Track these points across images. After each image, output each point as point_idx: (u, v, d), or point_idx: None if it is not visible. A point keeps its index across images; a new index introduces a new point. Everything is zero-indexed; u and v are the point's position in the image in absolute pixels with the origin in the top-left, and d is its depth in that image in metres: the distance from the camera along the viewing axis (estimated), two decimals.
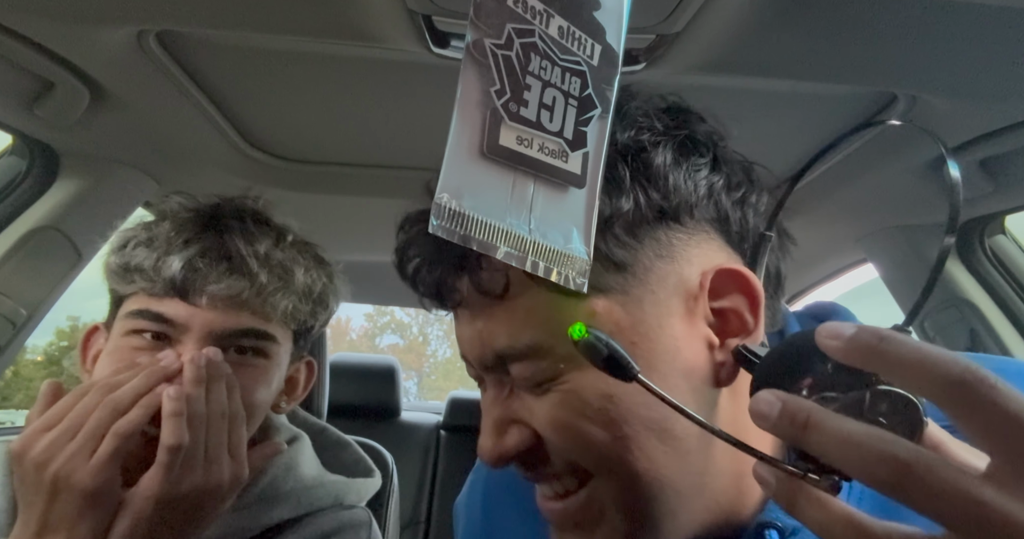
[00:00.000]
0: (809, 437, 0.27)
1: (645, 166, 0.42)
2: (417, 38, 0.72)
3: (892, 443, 0.26)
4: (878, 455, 0.25)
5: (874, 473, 0.25)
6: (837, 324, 0.29)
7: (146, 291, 0.65)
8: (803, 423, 0.28)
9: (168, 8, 0.70)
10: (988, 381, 0.25)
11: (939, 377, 0.26)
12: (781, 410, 0.28)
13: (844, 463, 0.26)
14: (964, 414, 0.26)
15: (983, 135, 0.88)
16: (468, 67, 0.29)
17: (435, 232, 0.28)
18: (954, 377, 0.25)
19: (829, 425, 0.27)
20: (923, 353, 0.26)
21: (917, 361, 0.26)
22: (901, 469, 0.25)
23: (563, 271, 0.33)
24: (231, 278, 0.64)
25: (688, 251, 0.43)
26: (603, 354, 0.34)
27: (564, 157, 0.33)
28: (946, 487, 0.24)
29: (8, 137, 1.01)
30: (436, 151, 0.28)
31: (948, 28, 0.67)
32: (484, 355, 0.44)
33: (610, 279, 0.41)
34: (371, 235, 1.57)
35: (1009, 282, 1.17)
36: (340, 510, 0.75)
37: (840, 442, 0.26)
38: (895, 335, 0.28)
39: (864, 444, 0.26)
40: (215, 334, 0.64)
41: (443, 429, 2.12)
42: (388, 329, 20.24)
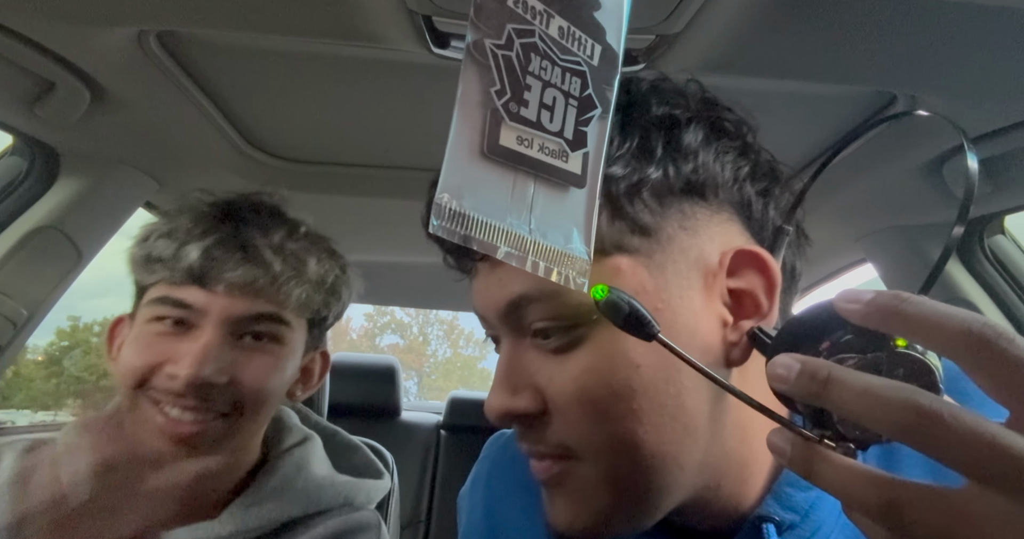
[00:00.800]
0: (830, 393, 0.27)
1: (676, 140, 0.43)
2: (417, 38, 0.72)
3: (914, 392, 0.26)
4: (902, 404, 0.25)
5: (899, 421, 0.25)
6: (855, 289, 0.29)
7: (166, 280, 0.68)
8: (824, 379, 0.28)
9: (168, 8, 0.70)
10: (1007, 335, 0.25)
11: (958, 332, 0.26)
12: (800, 370, 0.29)
13: (867, 414, 0.26)
14: (984, 367, 0.26)
15: (983, 135, 0.88)
16: (468, 67, 0.29)
17: (435, 232, 0.28)
18: (974, 332, 0.26)
19: (850, 378, 0.27)
20: (942, 310, 0.27)
21: (936, 318, 0.27)
22: (927, 416, 0.25)
23: (563, 271, 0.33)
24: (246, 266, 0.67)
25: (710, 228, 0.44)
26: (624, 311, 0.34)
27: (564, 157, 0.33)
28: (972, 434, 0.24)
29: (8, 137, 1.01)
30: (436, 151, 0.28)
31: (948, 28, 0.67)
32: (502, 302, 0.43)
33: (635, 241, 0.42)
34: (371, 235, 1.57)
35: (1008, 282, 1.17)
36: (350, 511, 0.76)
37: (861, 393, 0.26)
38: (914, 296, 0.28)
39: (886, 394, 0.26)
40: (232, 319, 0.67)
41: (443, 429, 2.12)
42: (388, 329, 20.24)
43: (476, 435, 2.01)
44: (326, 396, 1.18)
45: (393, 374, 2.11)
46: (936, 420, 0.25)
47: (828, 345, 0.31)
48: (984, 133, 0.88)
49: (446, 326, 20.29)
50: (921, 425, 0.25)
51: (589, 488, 0.42)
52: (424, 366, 20.20)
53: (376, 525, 0.77)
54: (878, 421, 0.26)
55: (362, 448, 0.90)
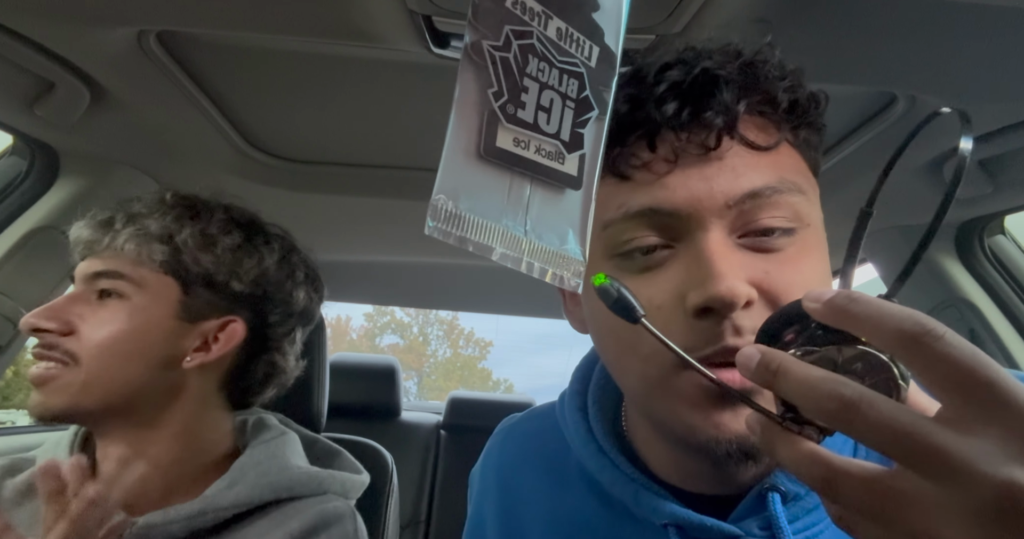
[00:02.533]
0: (778, 382, 0.30)
1: (816, 111, 0.48)
2: (417, 38, 0.72)
3: (841, 384, 0.28)
4: (828, 393, 0.28)
5: (824, 409, 0.28)
6: (820, 290, 0.32)
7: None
8: (775, 370, 0.31)
9: (168, 8, 0.70)
10: (935, 333, 0.27)
11: (894, 330, 0.28)
12: (759, 360, 0.31)
13: (802, 402, 0.30)
14: (914, 362, 0.28)
15: (983, 135, 0.88)
16: (466, 68, 0.29)
17: (431, 233, 0.28)
18: (906, 330, 0.28)
19: (794, 370, 0.30)
20: (883, 310, 0.29)
21: (877, 317, 0.29)
22: (848, 405, 0.27)
23: (558, 272, 0.33)
24: (93, 230, 0.75)
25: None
26: (613, 297, 0.36)
27: (561, 159, 0.33)
28: (888, 422, 0.27)
29: (8, 137, 1.01)
30: (435, 151, 0.28)
31: (948, 28, 0.67)
32: (736, 192, 0.43)
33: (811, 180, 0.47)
34: (371, 235, 1.57)
35: (1008, 282, 1.17)
36: (323, 502, 0.76)
37: (799, 383, 0.29)
38: (864, 296, 0.30)
39: (817, 385, 0.29)
40: (82, 280, 0.75)
41: (443, 429, 2.12)
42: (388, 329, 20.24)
43: (476, 435, 2.00)
44: (325, 396, 1.18)
45: (393, 374, 2.11)
46: (855, 409, 0.27)
47: (791, 338, 0.33)
48: (984, 133, 0.88)
49: (446, 326, 20.32)
50: (843, 413, 0.28)
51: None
52: (424, 366, 20.20)
53: (351, 515, 0.78)
54: (811, 408, 0.29)
55: (343, 453, 0.91)
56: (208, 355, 0.77)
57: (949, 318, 1.21)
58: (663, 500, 0.48)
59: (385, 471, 1.18)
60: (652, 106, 0.43)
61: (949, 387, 0.27)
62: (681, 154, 0.44)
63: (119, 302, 0.74)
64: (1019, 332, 1.15)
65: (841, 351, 0.31)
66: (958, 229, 1.19)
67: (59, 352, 0.71)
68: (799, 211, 0.44)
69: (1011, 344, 1.14)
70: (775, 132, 0.46)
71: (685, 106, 0.43)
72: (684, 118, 0.43)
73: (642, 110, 0.44)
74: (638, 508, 0.49)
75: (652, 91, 0.44)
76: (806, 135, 0.47)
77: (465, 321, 20.85)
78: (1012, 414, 0.26)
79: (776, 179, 0.43)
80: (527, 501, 0.58)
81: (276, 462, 0.77)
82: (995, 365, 0.27)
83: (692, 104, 0.43)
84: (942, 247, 1.20)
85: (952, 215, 1.14)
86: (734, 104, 0.43)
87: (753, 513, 0.46)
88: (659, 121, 0.43)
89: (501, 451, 0.65)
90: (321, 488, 0.79)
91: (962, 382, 0.27)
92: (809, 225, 0.45)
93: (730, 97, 0.43)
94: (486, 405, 2.18)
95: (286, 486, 0.75)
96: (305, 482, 0.77)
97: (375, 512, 1.13)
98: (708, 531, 0.46)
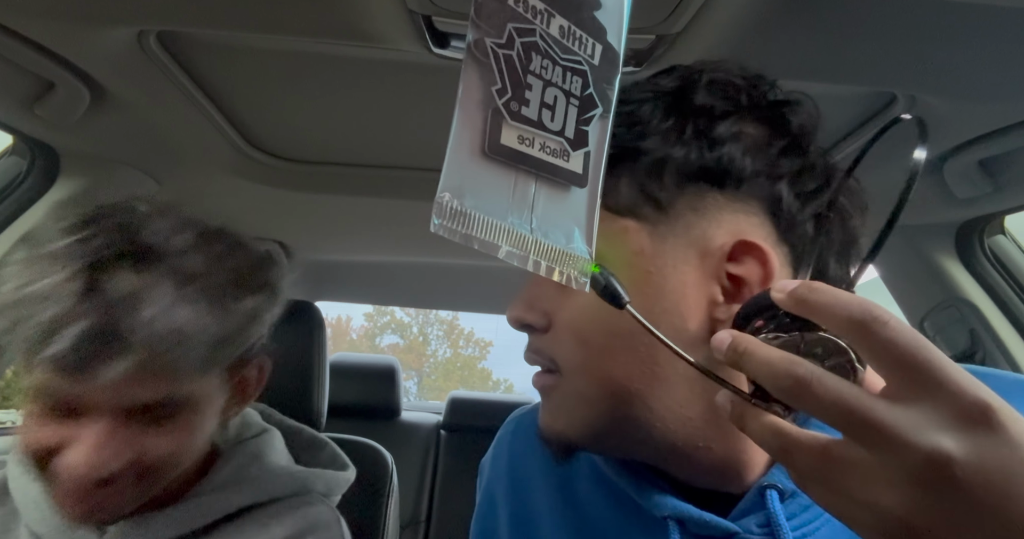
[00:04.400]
0: (744, 362, 0.34)
1: (709, 129, 0.46)
2: (417, 38, 0.72)
3: (795, 363, 0.31)
4: (784, 372, 0.31)
5: (779, 386, 0.32)
6: (787, 281, 0.35)
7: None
8: (741, 352, 0.34)
9: (168, 8, 0.70)
10: (880, 319, 0.30)
11: (845, 318, 0.31)
12: (729, 343, 0.35)
13: (763, 380, 0.33)
14: (863, 346, 0.31)
15: (983, 135, 0.88)
16: (469, 66, 0.29)
17: (436, 231, 0.28)
18: (855, 317, 0.31)
19: (757, 351, 0.33)
20: (836, 298, 0.32)
21: (830, 305, 0.32)
22: (798, 382, 0.31)
23: (565, 270, 0.33)
24: (131, 351, 0.57)
25: (721, 214, 0.46)
26: (602, 284, 0.39)
27: (566, 156, 0.33)
28: (834, 397, 0.30)
29: (8, 137, 1.01)
30: (436, 151, 0.28)
31: (948, 28, 0.67)
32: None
33: (645, 210, 0.46)
34: (371, 235, 1.57)
35: (1008, 282, 1.17)
36: (306, 505, 0.74)
37: (760, 363, 0.33)
38: (822, 286, 0.33)
39: (775, 364, 0.32)
40: (123, 409, 0.60)
41: (443, 429, 2.12)
42: (388, 329, 20.23)
43: (476, 435, 2.00)
44: (325, 396, 1.18)
45: (393, 374, 2.11)
46: (807, 386, 0.31)
47: (760, 324, 0.37)
48: (984, 133, 0.88)
49: (446, 326, 20.31)
50: (796, 389, 0.31)
51: (567, 402, 0.49)
52: (424, 366, 20.20)
53: (335, 521, 0.75)
54: (770, 385, 0.32)
55: (329, 444, 0.88)
56: (247, 400, 0.74)
57: (949, 318, 1.21)
58: (664, 494, 0.49)
59: (385, 471, 1.18)
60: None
61: (891, 367, 0.30)
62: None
63: (177, 421, 0.64)
64: (1019, 332, 1.15)
65: (804, 337, 0.34)
66: (958, 229, 1.19)
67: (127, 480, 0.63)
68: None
69: (1011, 344, 1.14)
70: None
71: None
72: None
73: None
74: (641, 500, 0.50)
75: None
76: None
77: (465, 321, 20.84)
78: (943, 390, 0.29)
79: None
80: (537, 490, 0.59)
81: (257, 464, 0.74)
82: (933, 349, 0.30)
83: None
84: (942, 247, 1.20)
85: (952, 215, 1.14)
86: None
87: (752, 510, 0.47)
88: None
89: (512, 441, 0.65)
90: (304, 488, 0.76)
91: (902, 363, 0.29)
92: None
93: None
94: (486, 405, 2.18)
95: (267, 490, 0.73)
96: (287, 483, 0.74)
97: (375, 512, 1.13)
98: (708, 527, 0.47)
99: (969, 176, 0.97)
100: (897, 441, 0.28)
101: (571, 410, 0.49)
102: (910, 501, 0.28)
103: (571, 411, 0.49)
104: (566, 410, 0.49)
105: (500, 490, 0.63)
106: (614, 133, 0.43)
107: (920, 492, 0.28)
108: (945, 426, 0.28)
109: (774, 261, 0.45)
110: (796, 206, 0.47)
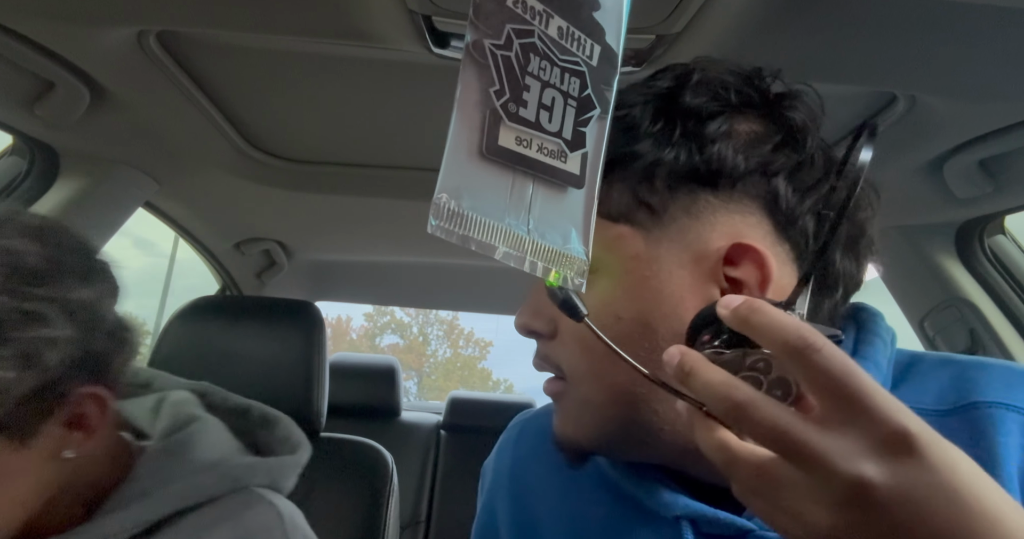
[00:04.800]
0: (689, 381, 0.34)
1: (697, 130, 0.46)
2: (417, 38, 0.72)
3: (734, 388, 0.33)
4: (723, 395, 0.33)
5: (719, 408, 0.33)
6: (732, 296, 0.35)
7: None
8: (688, 370, 0.34)
9: (168, 8, 0.70)
10: (814, 346, 0.31)
11: (781, 342, 0.32)
12: (679, 361, 0.35)
13: (704, 400, 0.34)
14: (799, 372, 0.32)
15: (983, 135, 0.88)
16: (467, 67, 0.29)
17: (434, 232, 0.28)
18: (790, 343, 0.32)
19: (701, 372, 0.34)
20: (775, 321, 0.33)
21: (768, 329, 0.33)
22: (736, 406, 0.32)
23: (562, 271, 0.33)
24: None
25: (715, 217, 0.46)
26: (560, 298, 0.40)
27: (563, 157, 0.33)
28: (768, 422, 0.31)
29: (8, 137, 1.01)
30: (436, 151, 0.28)
31: (948, 28, 0.67)
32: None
33: (640, 215, 0.46)
34: (371, 235, 1.57)
35: (1009, 282, 1.17)
36: (242, 509, 0.65)
37: (703, 385, 0.34)
38: (763, 306, 0.33)
39: (716, 387, 0.33)
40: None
41: (443, 429, 2.12)
42: (388, 329, 20.24)
43: (476, 435, 2.00)
44: (325, 396, 1.18)
45: (393, 374, 2.11)
46: (743, 410, 0.32)
47: (707, 339, 0.37)
48: (984, 133, 0.88)
49: (446, 326, 20.31)
50: (733, 411, 0.32)
51: (575, 407, 0.49)
52: (424, 366, 20.20)
53: (275, 522, 0.66)
54: (711, 407, 0.34)
55: (283, 419, 0.78)
56: (92, 436, 0.61)
57: (949, 318, 1.21)
58: (675, 493, 0.48)
59: (385, 471, 1.18)
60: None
61: (822, 393, 0.31)
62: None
63: None
64: (1019, 332, 1.15)
65: (746, 353, 0.35)
66: (958, 229, 1.19)
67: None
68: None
69: (1011, 344, 1.14)
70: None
71: None
72: None
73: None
74: (650, 501, 0.49)
75: None
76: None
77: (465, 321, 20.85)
78: (868, 417, 0.30)
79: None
80: (540, 495, 0.59)
81: (181, 464, 0.65)
82: (863, 376, 0.31)
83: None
84: (942, 247, 1.20)
85: (952, 215, 1.14)
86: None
87: None
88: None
89: (516, 445, 0.65)
90: (239, 483, 0.67)
91: (832, 389, 0.31)
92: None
93: None
94: (486, 405, 2.18)
95: (194, 492, 0.64)
96: (218, 481, 0.65)
97: (375, 512, 1.13)
98: (721, 524, 0.46)
99: (969, 176, 0.97)
100: (825, 466, 0.30)
101: (580, 416, 0.49)
102: (836, 519, 0.30)
103: (580, 417, 0.49)
104: (575, 416, 0.49)
105: (502, 494, 0.62)
106: (610, 138, 0.43)
107: (845, 513, 0.30)
108: (869, 453, 0.30)
109: (771, 263, 0.44)
110: (795, 201, 0.47)
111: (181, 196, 1.28)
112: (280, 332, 1.15)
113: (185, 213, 1.37)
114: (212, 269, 1.68)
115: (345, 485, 1.14)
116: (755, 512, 0.34)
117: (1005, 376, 0.46)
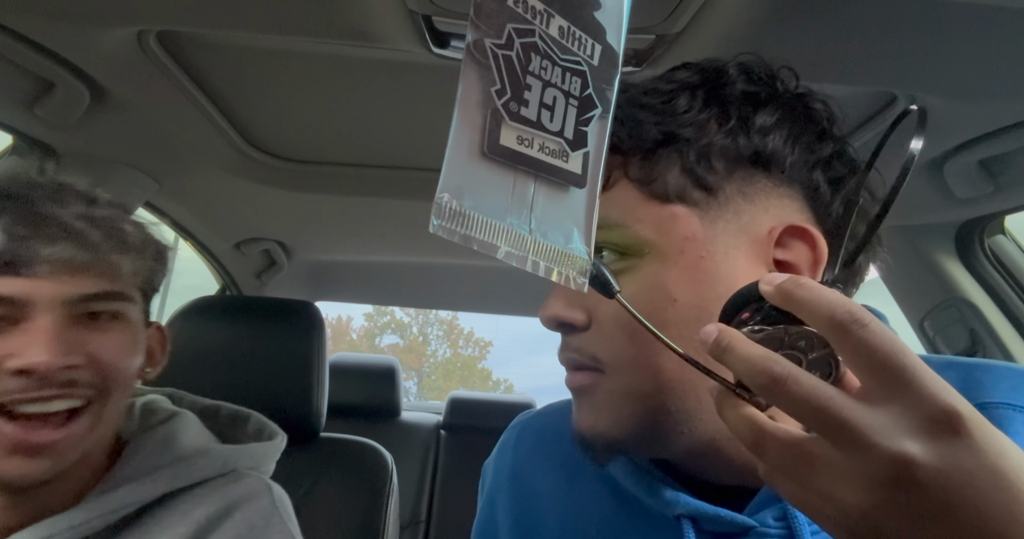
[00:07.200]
0: (726, 356, 0.34)
1: (752, 115, 0.47)
2: (417, 38, 0.72)
3: (773, 361, 0.32)
4: (761, 369, 0.32)
5: (757, 383, 0.32)
6: (775, 274, 0.35)
7: None
8: (724, 346, 0.34)
9: (168, 8, 0.70)
10: (861, 321, 0.30)
11: (827, 318, 0.31)
12: (716, 337, 0.34)
13: (742, 375, 0.33)
14: (841, 346, 0.31)
15: (983, 135, 0.88)
16: (468, 67, 0.29)
17: (435, 232, 0.28)
18: (836, 317, 0.31)
19: (739, 347, 0.33)
20: (820, 296, 0.32)
21: (813, 303, 0.32)
22: (774, 380, 0.31)
23: (564, 270, 0.33)
24: (62, 242, 0.59)
25: (768, 200, 0.47)
26: (592, 273, 0.38)
27: (565, 157, 0.33)
28: (807, 396, 0.30)
29: (8, 137, 1.01)
30: (436, 151, 0.28)
31: (948, 28, 0.67)
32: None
33: (696, 195, 0.46)
34: (371, 235, 1.57)
35: (1009, 282, 1.17)
36: (231, 482, 0.70)
37: (740, 359, 0.33)
38: (808, 282, 0.33)
39: (754, 361, 0.32)
40: (65, 303, 0.60)
41: (443, 429, 2.12)
42: (388, 329, 20.23)
43: (476, 435, 2.00)
44: (325, 396, 1.18)
45: (393, 374, 2.11)
46: (783, 384, 0.31)
47: (746, 316, 0.37)
48: (984, 133, 0.88)
49: (446, 326, 20.31)
50: (772, 386, 0.31)
51: (611, 400, 0.47)
52: (424, 366, 20.20)
53: (265, 489, 0.71)
54: (748, 382, 0.33)
55: (253, 415, 0.83)
56: (155, 365, 0.72)
57: (949, 318, 1.21)
58: (676, 492, 0.48)
59: (385, 471, 1.18)
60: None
61: (867, 369, 0.31)
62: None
63: (121, 324, 0.65)
64: (1019, 332, 1.15)
65: (788, 330, 0.34)
66: (958, 229, 1.19)
67: (85, 389, 0.62)
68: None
69: (1011, 344, 1.14)
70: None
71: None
72: None
73: None
74: (651, 500, 0.49)
75: None
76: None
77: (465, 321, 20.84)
78: (914, 395, 0.29)
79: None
80: (541, 495, 0.58)
81: (169, 450, 0.69)
82: (909, 353, 0.30)
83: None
84: (942, 247, 1.20)
85: (952, 215, 1.14)
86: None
87: (768, 504, 0.46)
88: None
89: (517, 445, 0.65)
90: (227, 466, 0.71)
91: (877, 365, 0.30)
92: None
93: None
94: (486, 405, 2.18)
95: (183, 474, 0.68)
96: (207, 465, 0.70)
97: (375, 512, 1.13)
98: (723, 522, 0.46)
99: (969, 176, 0.97)
100: (865, 442, 0.29)
101: (617, 407, 0.47)
102: (873, 499, 0.29)
103: (617, 408, 0.47)
104: (610, 408, 0.47)
105: (503, 494, 0.62)
106: (653, 122, 0.43)
107: (883, 492, 0.29)
108: (913, 430, 0.29)
109: (823, 244, 0.45)
110: (829, 193, 0.48)
111: (181, 196, 1.28)
112: (280, 332, 1.15)
113: (185, 213, 1.37)
114: (212, 269, 1.68)
115: (345, 485, 1.14)
116: (783, 494, 0.33)
117: (1010, 377, 0.47)
